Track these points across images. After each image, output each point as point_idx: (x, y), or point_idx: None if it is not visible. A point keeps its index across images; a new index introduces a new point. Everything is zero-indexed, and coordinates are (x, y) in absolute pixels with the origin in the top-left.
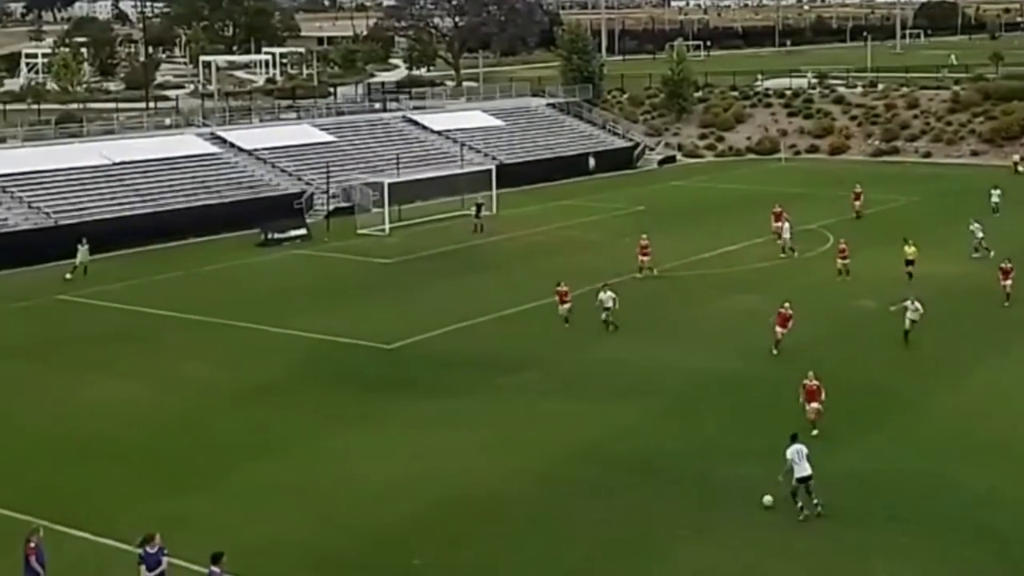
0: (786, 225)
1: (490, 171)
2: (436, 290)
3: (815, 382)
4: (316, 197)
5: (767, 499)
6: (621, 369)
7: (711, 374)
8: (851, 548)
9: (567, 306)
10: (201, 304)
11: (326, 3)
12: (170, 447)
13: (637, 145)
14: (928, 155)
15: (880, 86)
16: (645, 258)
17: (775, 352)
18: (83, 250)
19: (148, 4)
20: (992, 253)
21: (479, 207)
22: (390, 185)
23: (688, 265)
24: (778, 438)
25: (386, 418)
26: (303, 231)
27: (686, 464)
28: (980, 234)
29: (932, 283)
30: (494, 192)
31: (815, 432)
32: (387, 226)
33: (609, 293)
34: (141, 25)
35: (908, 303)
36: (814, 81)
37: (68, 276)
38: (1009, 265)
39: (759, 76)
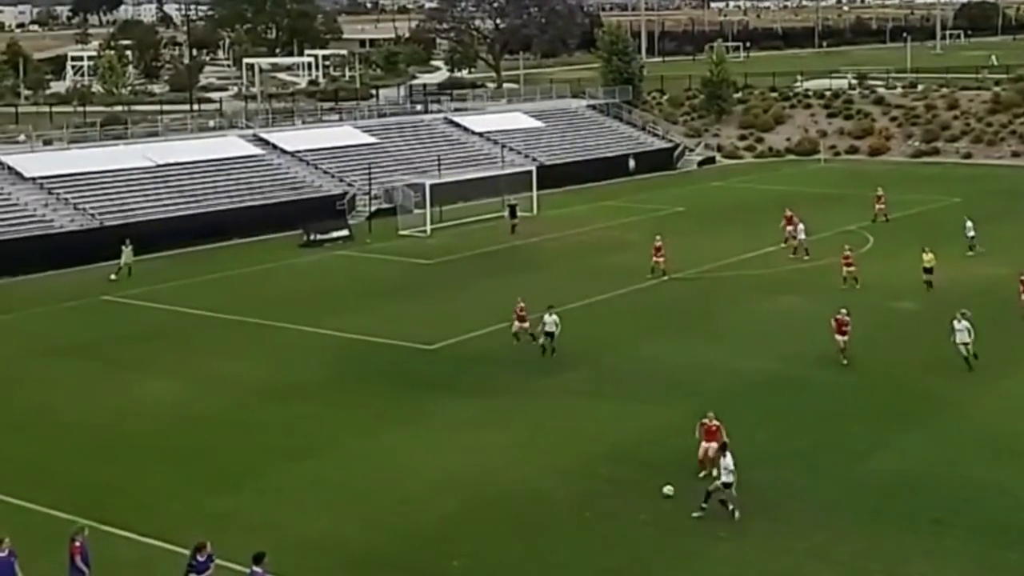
0: (800, 227)
1: (531, 172)
2: (477, 290)
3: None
4: (358, 198)
5: (667, 489)
6: (661, 369)
7: (751, 375)
8: (893, 551)
9: (524, 325)
10: (244, 305)
11: (368, 5)
12: (212, 446)
13: (677, 146)
14: (968, 156)
15: (920, 87)
16: (660, 260)
17: (844, 362)
18: (127, 251)
19: (192, 7)
20: (982, 250)
21: (512, 208)
22: (431, 186)
23: (728, 266)
24: (818, 441)
25: (427, 418)
26: (345, 232)
27: None
28: (972, 232)
29: (974, 284)
30: (534, 193)
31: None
32: (428, 227)
33: (553, 317)
34: (185, 28)
35: (955, 323)
36: (854, 82)
37: (113, 277)
38: None
39: (799, 77)
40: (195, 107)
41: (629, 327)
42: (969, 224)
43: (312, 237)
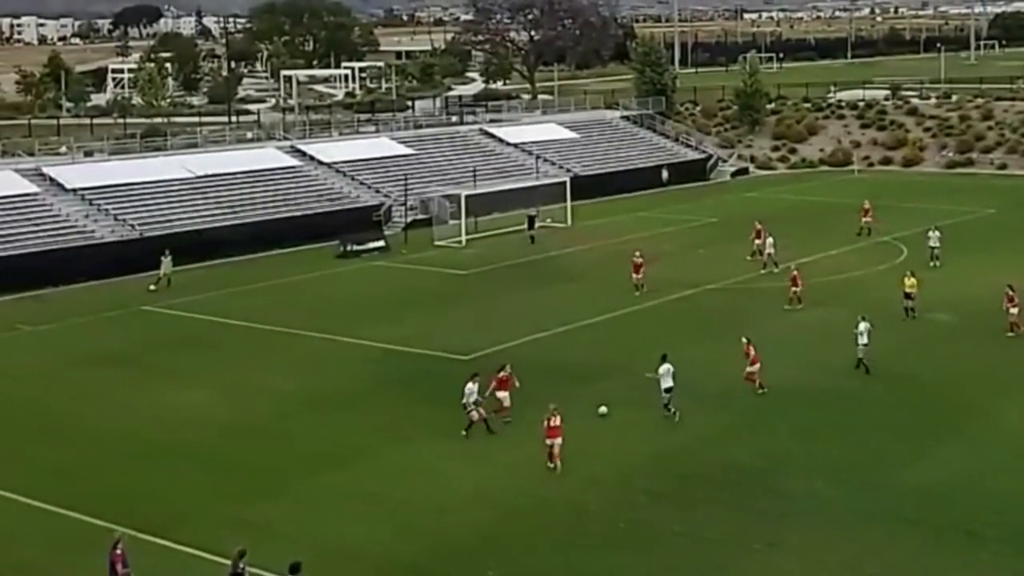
0: (769, 240)
1: (565, 183)
2: (512, 301)
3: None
4: (394, 209)
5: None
6: (696, 380)
7: (784, 387)
8: (928, 564)
9: None
10: (280, 315)
11: (405, 18)
12: (248, 455)
13: (710, 157)
14: (1004, 167)
15: (954, 97)
16: (638, 275)
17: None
18: (167, 262)
19: (231, 20)
20: (940, 263)
21: (531, 219)
22: (467, 197)
23: (762, 277)
24: (851, 452)
25: (462, 428)
26: (381, 243)
27: (759, 477)
28: (936, 243)
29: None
30: (568, 204)
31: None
32: (464, 238)
33: (476, 385)
34: (224, 40)
35: (858, 325)
36: (887, 93)
37: (152, 287)
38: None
39: (832, 88)
40: (233, 119)
41: (663, 337)
42: (934, 235)
43: (349, 248)
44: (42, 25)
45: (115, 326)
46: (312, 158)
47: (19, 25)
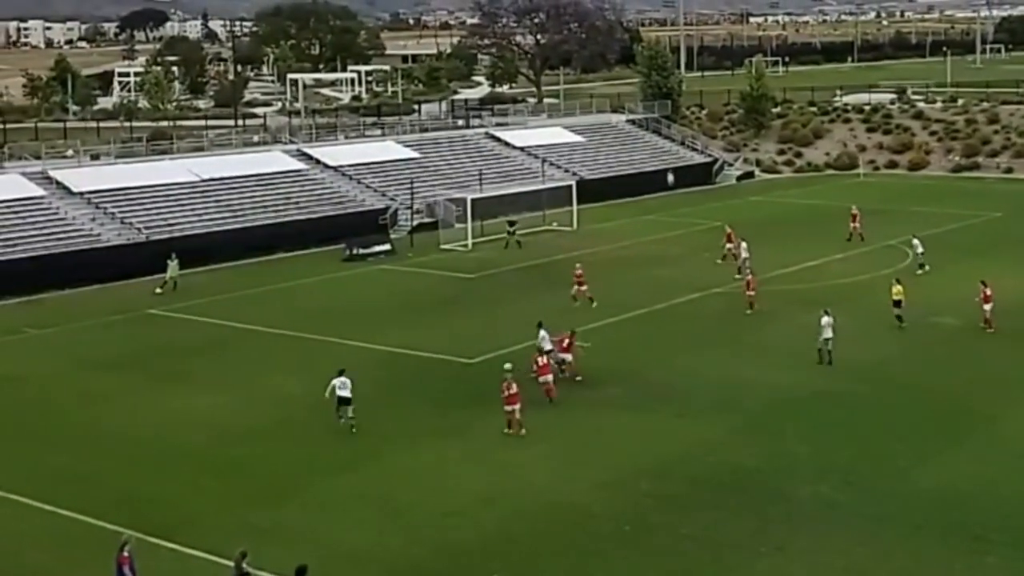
0: (743, 245)
1: (571, 187)
2: (518, 305)
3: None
4: (400, 213)
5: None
6: (703, 384)
7: (791, 391)
8: (936, 568)
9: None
10: (287, 318)
11: (411, 22)
12: (256, 459)
13: (716, 161)
14: (1010, 171)
15: (960, 101)
16: (582, 287)
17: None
18: (173, 265)
19: (237, 23)
20: (928, 268)
21: (511, 224)
22: (473, 201)
23: (769, 281)
24: (859, 456)
25: (467, 431)
26: (387, 246)
27: (766, 481)
28: (920, 248)
29: (1016, 299)
30: (575, 207)
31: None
32: (470, 241)
33: (343, 379)
34: (230, 44)
35: (821, 320)
36: (893, 97)
37: (158, 290)
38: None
39: (838, 92)
40: (240, 122)
41: (670, 341)
42: (916, 242)
43: (355, 251)
44: (49, 29)
45: (121, 330)
46: (318, 162)
47: (26, 29)
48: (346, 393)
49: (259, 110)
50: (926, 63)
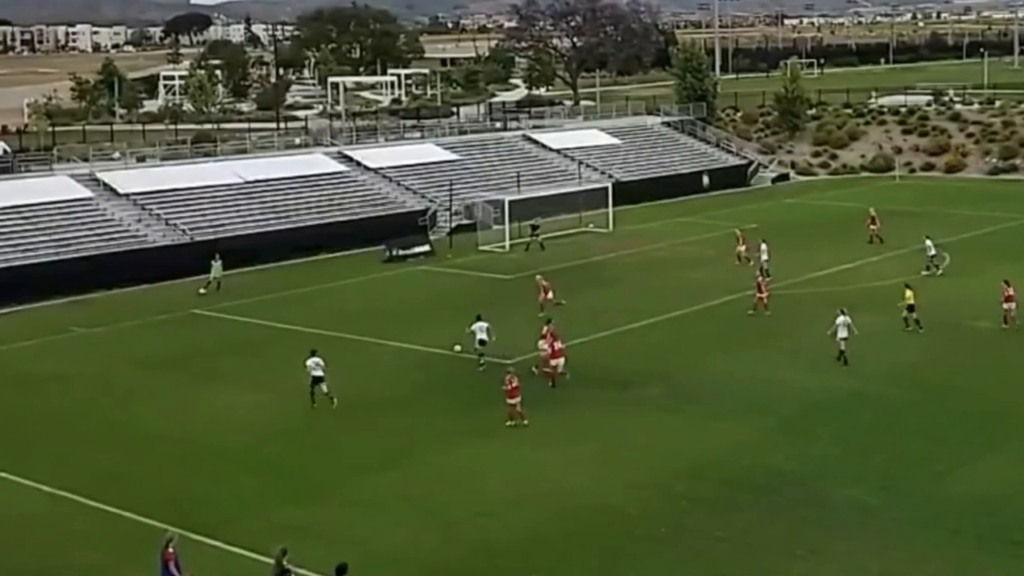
0: (764, 247)
1: (607, 188)
2: (556, 306)
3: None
4: (439, 214)
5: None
6: (736, 386)
7: (825, 393)
8: (972, 573)
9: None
10: (327, 319)
11: (450, 25)
12: (295, 457)
13: (750, 163)
14: None
15: (997, 103)
16: (548, 296)
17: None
18: (217, 266)
19: (279, 27)
20: (940, 271)
21: (534, 227)
22: (510, 202)
23: (803, 283)
24: (894, 460)
25: (505, 432)
26: (427, 248)
27: (801, 484)
28: (932, 251)
29: None
30: (611, 209)
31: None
32: (507, 243)
33: (316, 359)
34: (272, 48)
35: (837, 319)
36: (929, 98)
37: (202, 291)
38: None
39: (873, 93)
40: (282, 125)
41: (704, 343)
42: (929, 243)
43: (395, 252)
44: (96, 33)
45: (166, 329)
46: (359, 164)
47: (74, 33)
48: (319, 373)
49: (300, 113)
50: (963, 64)
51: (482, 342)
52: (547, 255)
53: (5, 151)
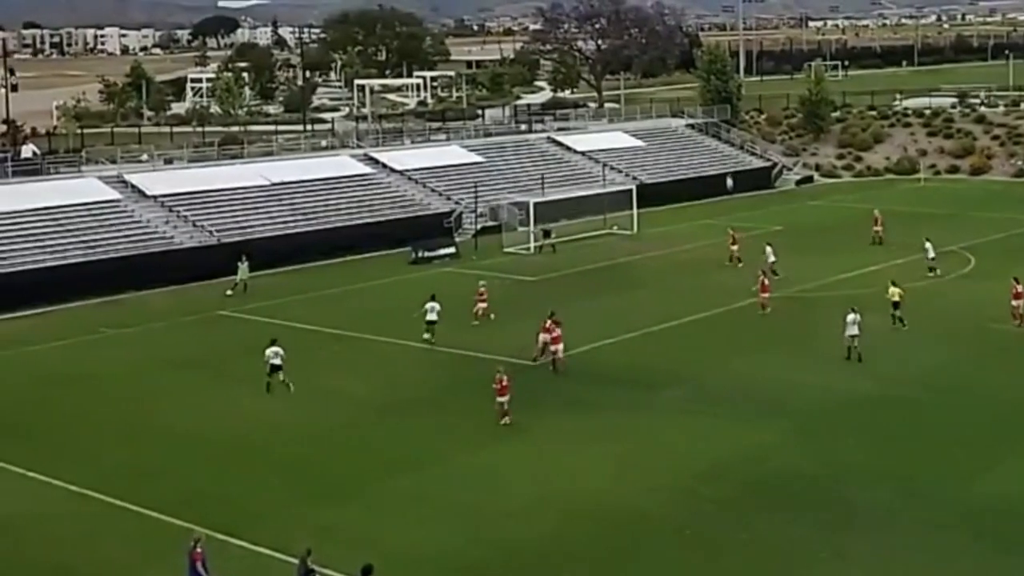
0: (769, 248)
1: (631, 191)
2: (580, 307)
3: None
4: (465, 216)
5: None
6: (760, 388)
7: (848, 395)
8: (996, 575)
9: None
10: (352, 320)
11: (475, 28)
12: (320, 458)
13: (775, 165)
14: None
15: (1023, 105)
16: (483, 306)
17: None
18: (243, 267)
19: (306, 30)
20: (939, 273)
21: (547, 232)
22: (535, 204)
23: (827, 286)
24: (917, 462)
25: (529, 433)
26: (452, 249)
27: (824, 486)
28: (932, 254)
29: None
30: (635, 211)
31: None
32: (532, 244)
33: (276, 348)
34: (299, 50)
35: (847, 316)
36: (954, 100)
37: (229, 292)
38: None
39: (898, 95)
40: (308, 127)
41: (727, 345)
42: (928, 246)
43: (420, 254)
44: (124, 36)
45: (193, 330)
46: (385, 166)
47: (102, 36)
48: (277, 361)
49: (327, 115)
50: (988, 67)
51: (432, 321)
52: (573, 257)
53: (35, 153)
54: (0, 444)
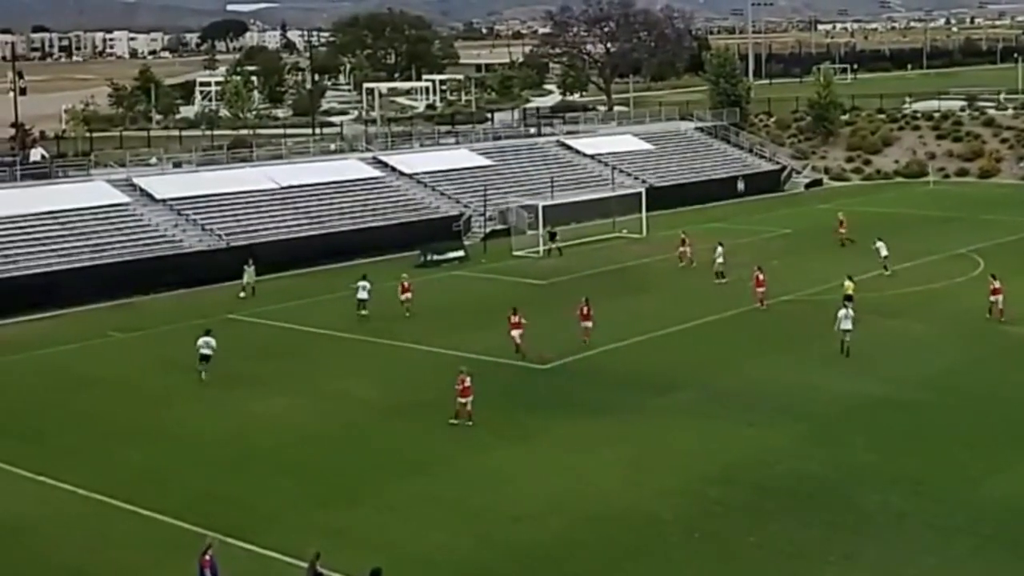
0: (720, 250)
1: (640, 194)
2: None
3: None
4: (474, 219)
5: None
6: (770, 391)
7: (858, 398)
8: None
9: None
10: (362, 324)
11: (484, 31)
12: (330, 461)
13: (784, 168)
14: None
15: None
16: (408, 296)
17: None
18: (250, 271)
19: (315, 33)
20: (891, 271)
21: (553, 234)
22: (544, 208)
23: (835, 289)
24: (928, 465)
25: (540, 436)
26: (461, 253)
27: (835, 489)
28: (884, 252)
29: None
30: (644, 214)
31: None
32: (541, 248)
33: (208, 339)
34: (308, 54)
35: (840, 311)
36: (963, 104)
37: (242, 295)
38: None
39: (907, 99)
40: (317, 131)
41: (737, 348)
42: (880, 244)
43: (429, 257)
44: (133, 39)
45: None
46: (394, 169)
47: (111, 39)
48: (207, 352)
49: (336, 119)
50: (997, 70)
51: (362, 299)
52: (583, 260)
53: (43, 156)
54: (10, 447)
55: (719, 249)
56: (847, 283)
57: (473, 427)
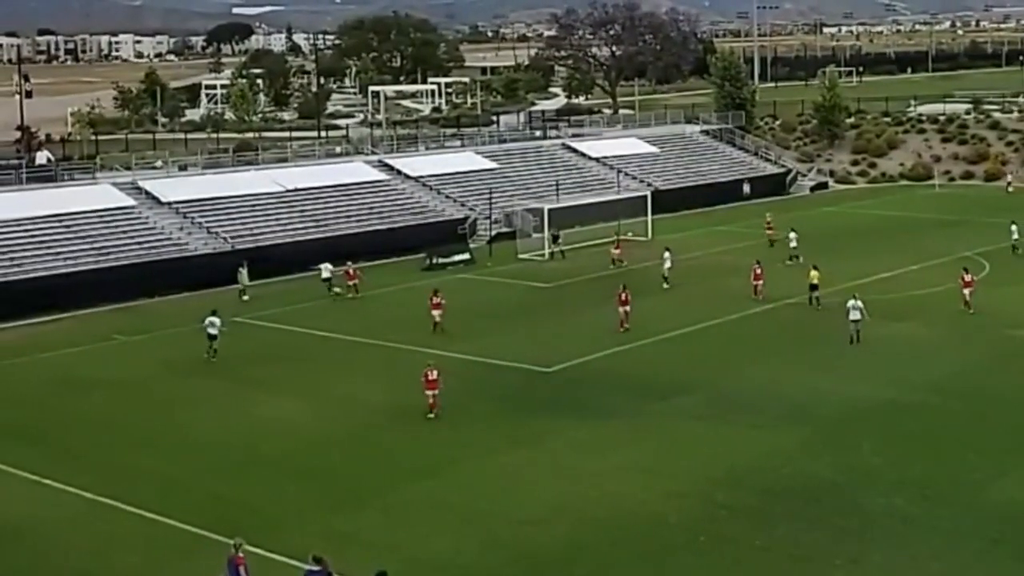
0: (667, 255)
1: (646, 197)
2: (594, 314)
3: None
4: (479, 222)
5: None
6: (776, 395)
7: (865, 402)
8: None
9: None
10: (367, 327)
11: (489, 34)
12: (336, 465)
13: (789, 171)
14: None
15: None
16: (355, 282)
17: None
18: (243, 274)
19: (320, 36)
20: (801, 259)
21: (556, 237)
22: (550, 211)
23: (841, 292)
24: (934, 469)
25: (545, 440)
26: (466, 256)
27: (841, 493)
28: (794, 243)
29: None
30: (649, 217)
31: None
32: (547, 251)
33: (214, 318)
34: (313, 57)
35: (849, 303)
36: (968, 107)
37: (245, 297)
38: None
39: (912, 102)
40: (323, 134)
41: (743, 351)
42: (793, 235)
43: (435, 260)
44: (139, 42)
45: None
46: (399, 172)
47: (117, 42)
48: (213, 331)
49: (341, 122)
50: (1002, 73)
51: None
52: (588, 263)
53: (49, 159)
54: (15, 450)
55: (667, 255)
56: (812, 272)
57: (482, 430)
